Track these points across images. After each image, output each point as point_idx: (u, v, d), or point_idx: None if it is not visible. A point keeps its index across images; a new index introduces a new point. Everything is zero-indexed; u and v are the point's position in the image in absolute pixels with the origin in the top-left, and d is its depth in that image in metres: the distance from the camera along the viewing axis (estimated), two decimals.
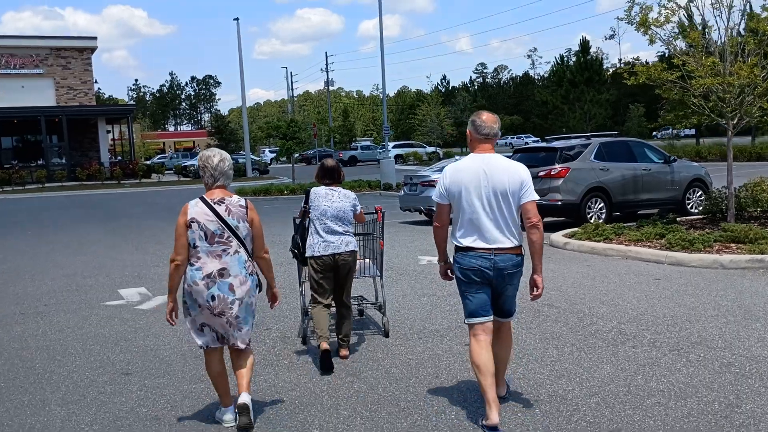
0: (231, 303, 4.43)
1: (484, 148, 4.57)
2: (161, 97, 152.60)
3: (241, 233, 4.48)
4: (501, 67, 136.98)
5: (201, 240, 4.44)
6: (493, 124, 4.57)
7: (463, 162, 4.61)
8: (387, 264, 10.51)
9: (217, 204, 4.48)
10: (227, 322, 4.48)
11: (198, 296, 4.43)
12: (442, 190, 4.59)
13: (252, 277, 4.55)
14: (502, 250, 4.44)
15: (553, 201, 13.73)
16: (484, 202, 4.43)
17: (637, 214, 14.51)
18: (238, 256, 4.47)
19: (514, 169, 4.51)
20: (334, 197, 6.02)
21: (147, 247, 13.99)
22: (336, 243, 5.91)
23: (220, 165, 4.54)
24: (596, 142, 14.43)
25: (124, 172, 43.77)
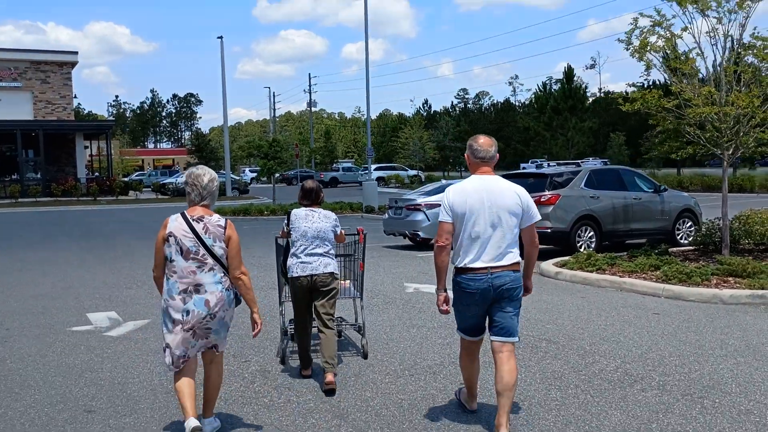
0: (203, 318, 4.44)
1: (483, 171, 4.72)
2: (142, 114, 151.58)
3: (216, 252, 4.49)
4: (482, 93, 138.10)
5: (177, 255, 4.48)
6: (489, 148, 4.73)
7: (465, 183, 4.72)
8: (372, 291, 10.07)
9: (196, 221, 4.51)
10: (192, 335, 4.48)
11: (173, 311, 4.45)
12: (447, 208, 4.65)
13: (228, 292, 4.54)
14: (499, 268, 4.55)
15: (542, 228, 13.34)
16: (487, 222, 4.55)
17: (625, 243, 14.18)
18: (213, 273, 4.49)
19: (515, 191, 4.65)
20: (314, 218, 6.03)
21: (120, 268, 13.39)
22: (314, 264, 5.90)
23: (209, 185, 4.59)
24: (586, 170, 14.14)
25: (100, 188, 42.94)
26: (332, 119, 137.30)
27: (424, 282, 10.89)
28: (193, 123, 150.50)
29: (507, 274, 4.55)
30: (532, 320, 8.07)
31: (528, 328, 7.67)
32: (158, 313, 6.16)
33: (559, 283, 10.75)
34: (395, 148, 62.13)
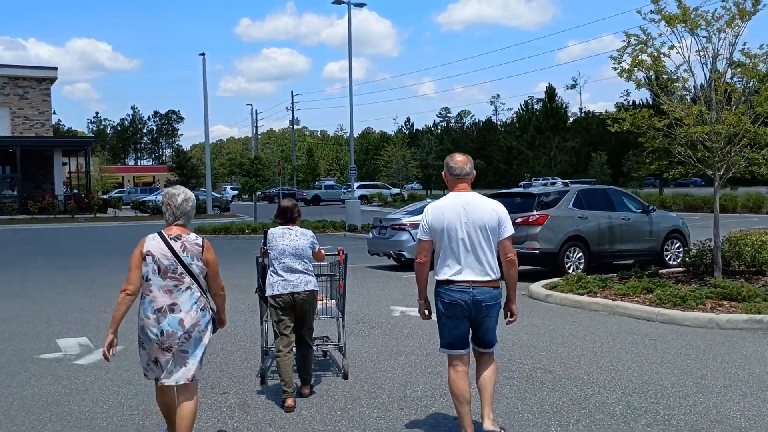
0: (179, 338, 4.40)
1: (460, 187, 4.84)
2: (122, 131, 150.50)
3: (194, 271, 4.48)
4: (464, 112, 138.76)
5: (154, 274, 4.45)
6: (465, 165, 4.86)
7: (443, 200, 4.84)
8: (357, 315, 9.70)
9: (174, 240, 4.50)
10: (173, 356, 4.42)
11: (148, 330, 4.41)
12: (425, 227, 4.79)
13: (204, 312, 4.51)
14: (480, 283, 4.66)
15: (530, 249, 13.09)
16: (465, 237, 4.68)
17: (612, 264, 13.92)
18: (190, 292, 4.46)
19: (492, 207, 4.78)
20: (291, 236, 6.06)
21: (95, 289, 12.91)
22: (295, 281, 5.93)
23: (183, 205, 4.57)
24: (574, 189, 13.91)
25: (78, 206, 42.19)
26: (314, 137, 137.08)
27: (411, 305, 10.53)
28: (174, 140, 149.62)
29: (488, 290, 4.69)
30: (525, 346, 7.74)
31: (521, 355, 7.33)
32: (132, 339, 6.23)
33: (549, 306, 10.44)
34: (378, 166, 61.89)
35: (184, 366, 4.42)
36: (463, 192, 4.83)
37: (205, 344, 4.53)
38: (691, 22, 10.82)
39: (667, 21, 11.06)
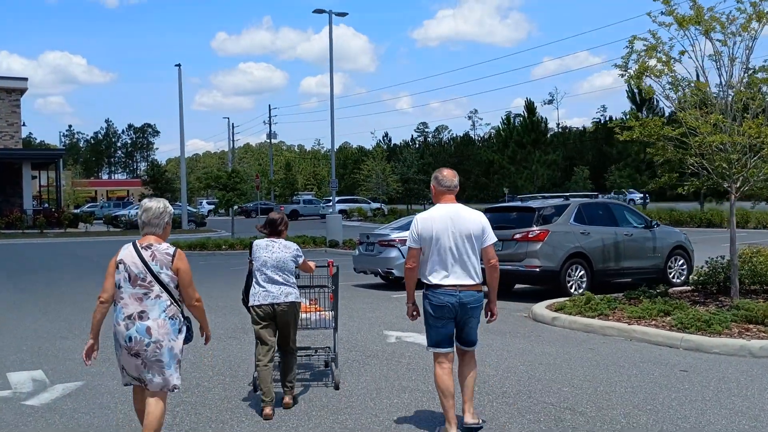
0: (146, 345, 4.45)
1: (447, 199, 5.30)
2: (96, 144, 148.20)
3: (163, 279, 4.54)
4: (442, 126, 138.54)
5: (125, 281, 4.56)
6: (453, 178, 5.33)
7: (431, 211, 5.28)
8: (349, 342, 8.76)
9: (144, 249, 4.60)
10: (142, 364, 4.48)
11: (119, 336, 4.53)
12: (415, 235, 5.21)
13: (172, 321, 4.55)
14: (465, 286, 5.11)
15: (530, 267, 12.23)
16: (452, 245, 5.11)
17: (612, 283, 13.10)
18: (159, 300, 4.53)
19: (476, 217, 5.24)
20: (274, 248, 6.19)
21: (58, 311, 11.81)
22: (275, 293, 6.05)
23: (154, 213, 4.68)
24: (575, 203, 13.09)
25: (48, 220, 40.71)
26: (291, 151, 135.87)
27: (407, 329, 9.60)
28: (149, 154, 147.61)
29: (472, 294, 5.15)
30: (545, 381, 6.84)
31: (543, 392, 6.43)
32: (95, 372, 6.20)
33: (557, 331, 9.56)
34: (357, 180, 60.96)
35: (163, 376, 4.51)
36: (450, 204, 5.29)
37: (177, 354, 4.58)
38: (705, 23, 10.08)
39: (678, 23, 10.31)
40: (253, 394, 6.48)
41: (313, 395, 6.47)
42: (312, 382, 6.89)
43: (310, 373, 7.29)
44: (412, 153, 54.87)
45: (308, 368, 7.44)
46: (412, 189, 50.59)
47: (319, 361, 7.48)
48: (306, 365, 7.49)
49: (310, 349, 7.49)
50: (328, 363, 7.25)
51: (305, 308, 6.77)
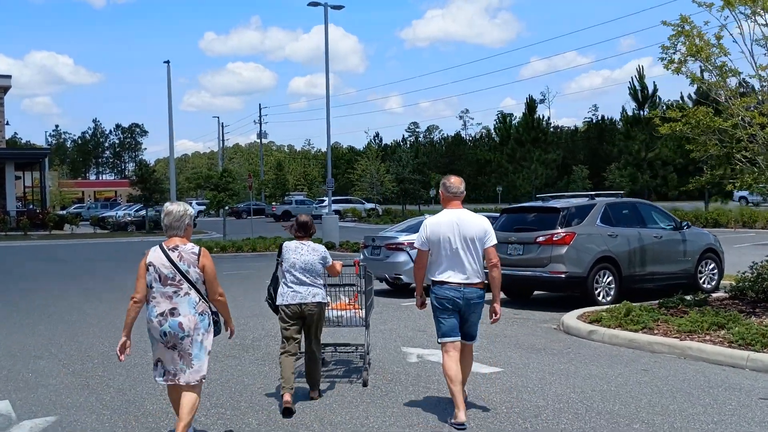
0: (181, 339, 4.83)
1: (454, 204, 5.87)
2: (83, 144, 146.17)
3: (191, 277, 4.90)
4: (433, 126, 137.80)
5: (156, 282, 4.92)
6: (459, 185, 5.89)
7: (439, 216, 5.86)
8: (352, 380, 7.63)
9: (171, 250, 4.94)
10: (179, 356, 4.86)
11: (154, 332, 4.91)
12: (423, 239, 5.82)
13: (202, 317, 4.93)
14: (469, 284, 5.69)
15: (555, 273, 11.17)
16: (457, 246, 5.68)
17: (641, 290, 12.03)
18: (188, 297, 4.89)
19: (479, 221, 5.80)
20: (303, 251, 6.40)
21: (34, 325, 10.64)
22: (303, 293, 6.28)
23: (167, 218, 5.01)
24: (602, 203, 12.04)
25: (32, 222, 39.45)
26: (281, 152, 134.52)
27: (427, 345, 8.52)
28: (137, 154, 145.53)
29: (475, 291, 5.70)
30: (605, 414, 5.76)
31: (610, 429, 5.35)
32: (71, 404, 6.07)
33: (596, 347, 8.50)
34: (351, 180, 59.87)
35: (191, 367, 4.86)
36: (456, 209, 5.83)
37: (207, 347, 4.97)
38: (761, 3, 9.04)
39: (727, 2, 9.28)
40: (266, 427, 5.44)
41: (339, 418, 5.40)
42: (342, 378, 7.07)
43: (344, 369, 7.46)
44: (407, 152, 53.77)
45: (345, 364, 7.63)
46: (408, 189, 49.52)
47: (357, 358, 7.67)
48: (345, 361, 7.72)
49: (350, 346, 7.77)
50: (364, 357, 7.27)
51: (342, 306, 7.06)
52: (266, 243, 25.37)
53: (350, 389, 6.68)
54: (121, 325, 5.03)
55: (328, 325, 6.91)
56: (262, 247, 24.91)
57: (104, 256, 24.69)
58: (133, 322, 4.94)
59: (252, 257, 23.04)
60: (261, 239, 26.08)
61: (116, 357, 4.95)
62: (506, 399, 6.26)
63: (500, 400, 6.24)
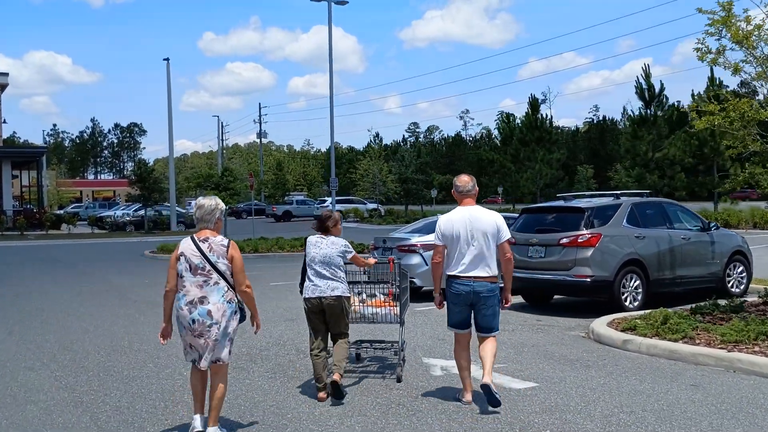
0: (209, 326, 5.09)
1: (466, 202, 6.16)
2: (81, 144, 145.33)
3: (220, 267, 5.17)
4: (433, 127, 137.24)
5: (186, 271, 5.20)
6: (467, 184, 6.18)
7: (452, 213, 6.17)
8: (385, 374, 6.95)
9: (202, 242, 5.23)
10: (205, 343, 5.10)
11: (182, 320, 5.16)
12: (439, 234, 6.11)
13: (230, 305, 5.21)
14: (479, 278, 5.95)
15: (580, 277, 10.52)
16: (469, 242, 5.96)
17: (667, 294, 11.37)
18: (217, 286, 5.16)
19: (491, 217, 6.06)
20: (322, 245, 6.49)
21: (27, 330, 9.96)
22: (322, 287, 6.36)
23: (199, 212, 5.32)
24: (628, 203, 11.38)
25: (29, 221, 38.79)
26: (281, 151, 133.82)
27: (449, 356, 7.82)
28: (136, 154, 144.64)
29: (485, 284, 5.97)
30: None
31: None
32: (63, 423, 5.76)
33: (633, 358, 7.83)
34: (352, 180, 59.19)
35: (213, 353, 5.13)
36: (468, 206, 6.08)
37: (230, 333, 5.22)
38: None
39: None
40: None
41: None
42: (376, 374, 7.14)
43: (379, 365, 7.50)
44: (410, 152, 53.08)
45: (380, 361, 7.69)
46: (410, 189, 48.83)
47: (392, 355, 7.66)
48: (380, 358, 7.77)
49: (385, 343, 7.80)
50: (399, 354, 7.26)
51: (378, 303, 7.12)
52: (268, 244, 24.70)
53: (375, 403, 6.03)
54: (119, 331, 5.71)
55: (363, 321, 7.17)
56: (264, 248, 24.23)
57: (102, 257, 24.01)
58: (171, 308, 5.23)
59: (254, 258, 22.36)
60: (263, 240, 25.41)
61: (113, 368, 5.18)
62: (549, 420, 5.60)
63: (542, 421, 5.58)
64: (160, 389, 6.76)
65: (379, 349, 7.79)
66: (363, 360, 7.69)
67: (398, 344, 7.20)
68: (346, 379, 6.67)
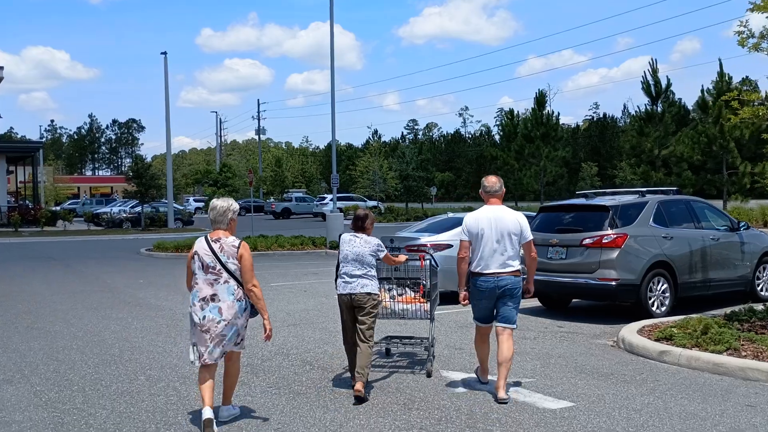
0: (217, 323, 5.34)
1: (493, 201, 6.44)
2: (79, 140, 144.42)
3: (230, 267, 5.41)
4: (432, 124, 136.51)
5: (199, 269, 5.47)
6: (495, 184, 6.45)
7: (478, 212, 6.43)
8: (399, 390, 6.21)
9: (214, 242, 5.48)
10: (210, 339, 5.33)
11: (194, 315, 5.41)
12: (465, 231, 6.37)
13: (239, 303, 5.44)
14: (502, 273, 6.23)
15: (605, 280, 9.80)
16: (493, 240, 6.24)
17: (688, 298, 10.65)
18: (227, 285, 5.40)
19: (514, 217, 6.33)
20: (355, 243, 6.61)
21: (10, 337, 9.22)
22: (353, 284, 6.48)
23: (212, 213, 5.59)
24: (654, 200, 10.66)
25: (23, 218, 38.00)
26: (279, 148, 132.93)
27: (470, 368, 7.14)
28: (134, 150, 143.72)
29: (508, 278, 6.24)
30: None
31: None
32: None
33: (674, 372, 7.11)
34: (351, 177, 58.39)
35: (221, 348, 5.38)
36: (494, 206, 6.41)
37: (239, 329, 5.47)
38: None
39: None
40: None
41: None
42: (406, 369, 7.20)
43: (409, 361, 7.58)
44: (411, 149, 52.29)
45: (410, 356, 7.76)
46: (411, 187, 48.04)
47: (422, 350, 7.65)
48: (410, 354, 7.83)
49: (415, 339, 7.89)
50: (429, 350, 7.33)
51: (408, 299, 7.18)
52: (268, 242, 23.96)
53: (394, 426, 5.35)
54: (109, 338, 6.38)
55: (393, 317, 7.27)
56: (264, 246, 23.50)
57: (96, 255, 23.25)
58: None
59: (253, 257, 21.59)
60: (262, 238, 24.67)
61: (101, 382, 5.32)
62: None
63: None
64: (151, 407, 6.04)
65: (408, 345, 7.80)
66: (393, 355, 7.79)
67: (428, 340, 7.26)
68: (375, 373, 6.93)
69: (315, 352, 8.22)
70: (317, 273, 17.03)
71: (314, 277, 16.04)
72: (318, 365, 7.53)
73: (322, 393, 6.43)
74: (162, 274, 16.92)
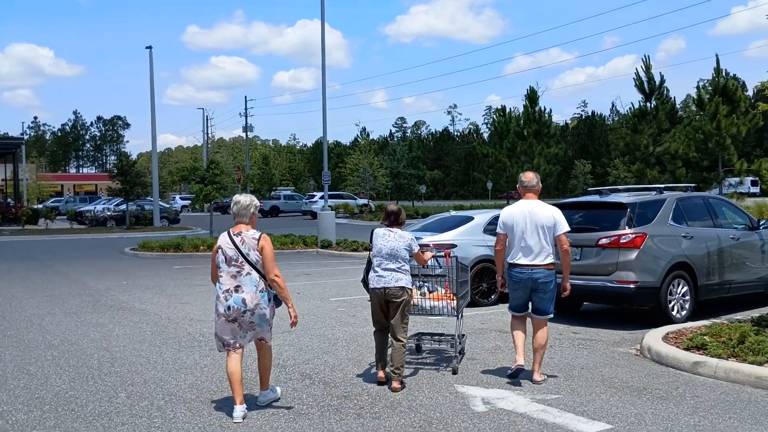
0: (243, 312, 5.57)
1: (528, 196, 6.67)
2: (63, 137, 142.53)
3: (251, 259, 5.64)
4: (420, 122, 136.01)
5: (223, 263, 5.71)
6: (532, 180, 6.72)
7: (514, 206, 6.72)
8: (413, 409, 5.47)
9: (236, 236, 5.73)
10: (238, 326, 5.61)
11: (219, 306, 5.63)
12: (501, 224, 6.70)
13: (263, 293, 5.65)
14: (536, 266, 6.49)
15: (623, 283, 9.14)
16: (528, 233, 6.50)
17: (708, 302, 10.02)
18: (250, 277, 5.62)
19: (549, 211, 6.56)
20: (389, 237, 6.63)
21: None
22: (387, 278, 6.51)
23: (235, 207, 5.87)
24: (673, 198, 10.03)
25: (4, 216, 37.06)
26: (266, 146, 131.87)
27: (488, 383, 6.47)
28: (119, 147, 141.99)
29: (542, 271, 6.49)
30: None
31: None
32: None
33: (711, 385, 6.46)
34: (341, 174, 57.65)
35: (253, 331, 5.67)
36: (530, 200, 6.64)
37: (268, 318, 5.72)
38: None
39: None
40: None
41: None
42: (431, 366, 7.22)
43: (436, 358, 7.60)
44: (402, 146, 51.62)
45: (437, 353, 7.77)
46: (402, 184, 47.38)
47: (449, 347, 7.69)
48: (438, 351, 7.86)
49: (444, 336, 7.91)
50: (463, 349, 7.54)
51: (438, 297, 7.17)
52: None
53: None
54: (88, 347, 6.59)
55: (421, 314, 7.24)
56: None
57: (79, 255, 22.39)
58: None
59: None
60: None
61: (76, 400, 5.42)
62: None
63: None
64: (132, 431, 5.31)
65: (437, 342, 7.89)
66: (422, 352, 7.83)
67: (455, 337, 7.34)
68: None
69: (314, 363, 7.50)
70: (309, 274, 16.32)
71: (306, 279, 15.31)
72: (319, 379, 6.82)
73: (326, 413, 5.72)
74: (147, 275, 16.13)
